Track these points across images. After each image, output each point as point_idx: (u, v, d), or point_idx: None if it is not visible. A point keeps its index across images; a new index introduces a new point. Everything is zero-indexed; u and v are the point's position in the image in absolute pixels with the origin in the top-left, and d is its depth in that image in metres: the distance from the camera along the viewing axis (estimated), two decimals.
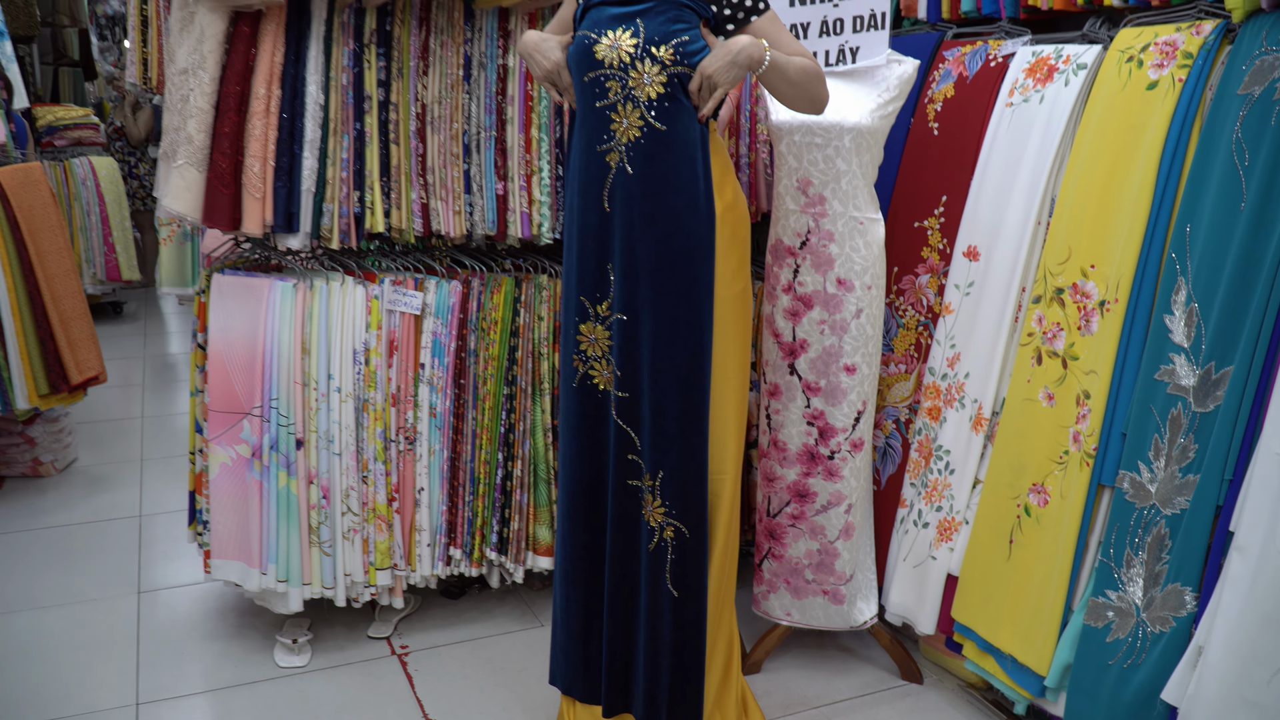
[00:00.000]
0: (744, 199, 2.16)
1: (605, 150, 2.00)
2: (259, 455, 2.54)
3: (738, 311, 2.13)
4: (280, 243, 2.53)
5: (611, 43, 1.95)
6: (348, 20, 2.46)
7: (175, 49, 2.41)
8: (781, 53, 1.97)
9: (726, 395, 2.13)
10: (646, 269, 2.01)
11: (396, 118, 2.55)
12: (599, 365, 2.12)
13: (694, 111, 1.97)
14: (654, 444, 2.06)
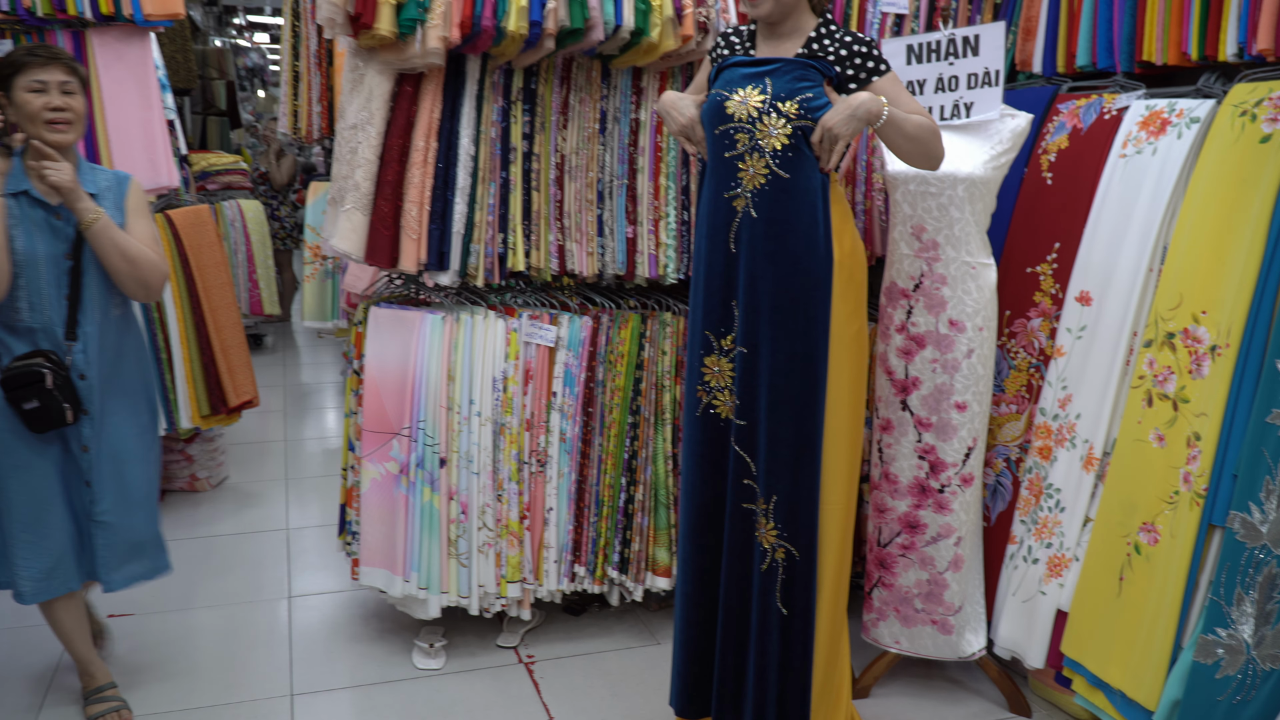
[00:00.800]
0: (862, 246, 2.31)
1: (732, 196, 2.19)
2: (406, 472, 2.78)
3: (853, 350, 2.27)
4: (431, 279, 2.78)
5: (741, 99, 2.14)
6: (497, 80, 2.71)
7: (345, 106, 2.70)
8: (900, 110, 2.12)
9: (839, 428, 2.27)
10: (767, 306, 2.18)
11: (538, 167, 2.79)
12: (722, 396, 2.29)
13: (816, 162, 2.13)
14: (768, 469, 2.21)
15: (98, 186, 2.40)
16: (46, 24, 3.54)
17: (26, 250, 2.29)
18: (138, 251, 2.34)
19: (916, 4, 3.00)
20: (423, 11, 2.46)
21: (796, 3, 2.18)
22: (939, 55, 2.61)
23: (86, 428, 2.41)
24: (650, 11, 2.58)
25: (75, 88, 2.33)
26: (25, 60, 2.28)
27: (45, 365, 2.28)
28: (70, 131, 2.32)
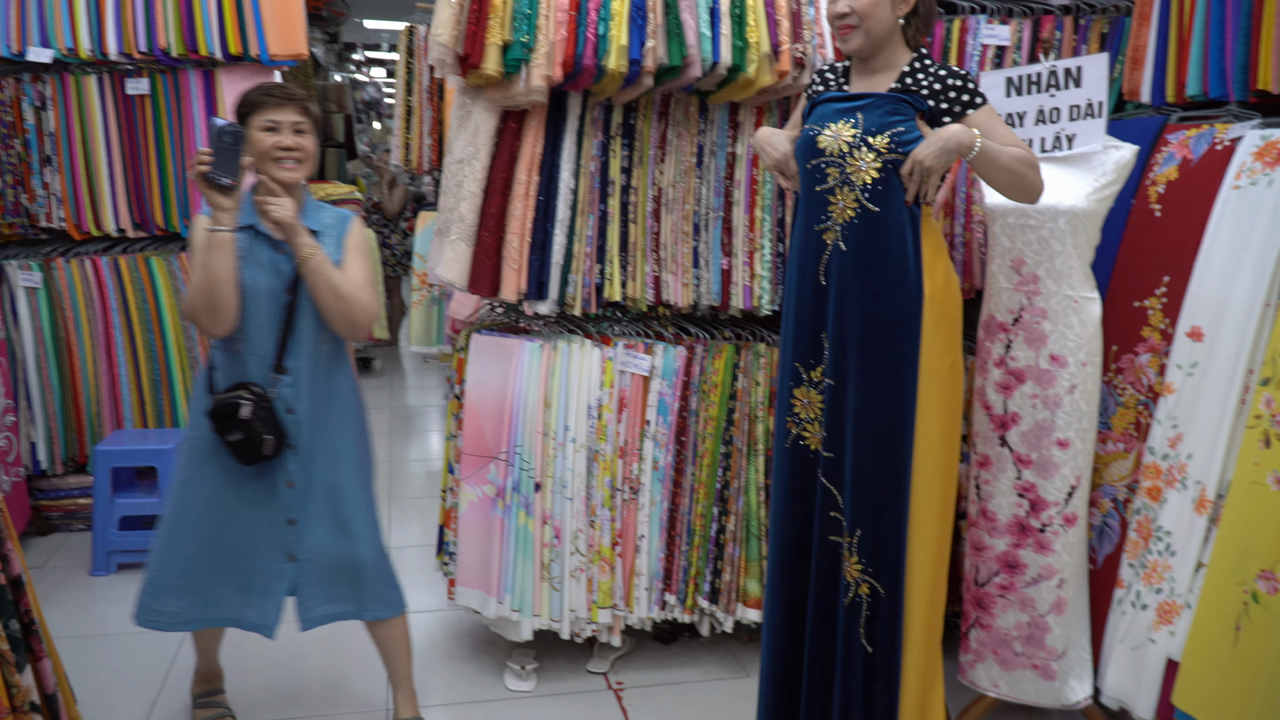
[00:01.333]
0: (956, 279, 2.29)
1: (823, 229, 2.20)
2: (502, 495, 2.85)
3: (945, 385, 2.24)
4: (530, 308, 2.86)
5: (833, 134, 2.15)
6: (597, 116, 2.79)
7: (453, 142, 2.81)
8: (994, 142, 2.10)
9: (930, 463, 2.24)
10: (855, 338, 2.18)
11: (635, 200, 2.85)
12: (811, 428, 2.29)
13: (905, 194, 2.13)
14: (854, 503, 2.20)
15: (320, 224, 2.43)
16: (180, 64, 3.78)
17: (249, 283, 2.33)
18: (349, 290, 2.32)
19: (1018, 35, 2.96)
20: (527, 51, 2.56)
21: (888, 37, 2.18)
22: (1039, 87, 2.57)
23: (293, 463, 2.40)
24: (747, 48, 2.62)
25: (307, 127, 2.36)
26: (261, 100, 2.32)
27: (245, 397, 2.30)
28: (299, 170, 2.35)
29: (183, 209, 3.88)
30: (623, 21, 2.55)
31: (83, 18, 3.65)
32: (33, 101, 3.80)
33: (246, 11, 3.71)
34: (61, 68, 3.78)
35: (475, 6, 2.56)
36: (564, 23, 2.55)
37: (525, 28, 2.56)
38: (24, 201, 3.86)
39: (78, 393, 3.98)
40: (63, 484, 4.06)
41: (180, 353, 3.96)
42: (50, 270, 3.87)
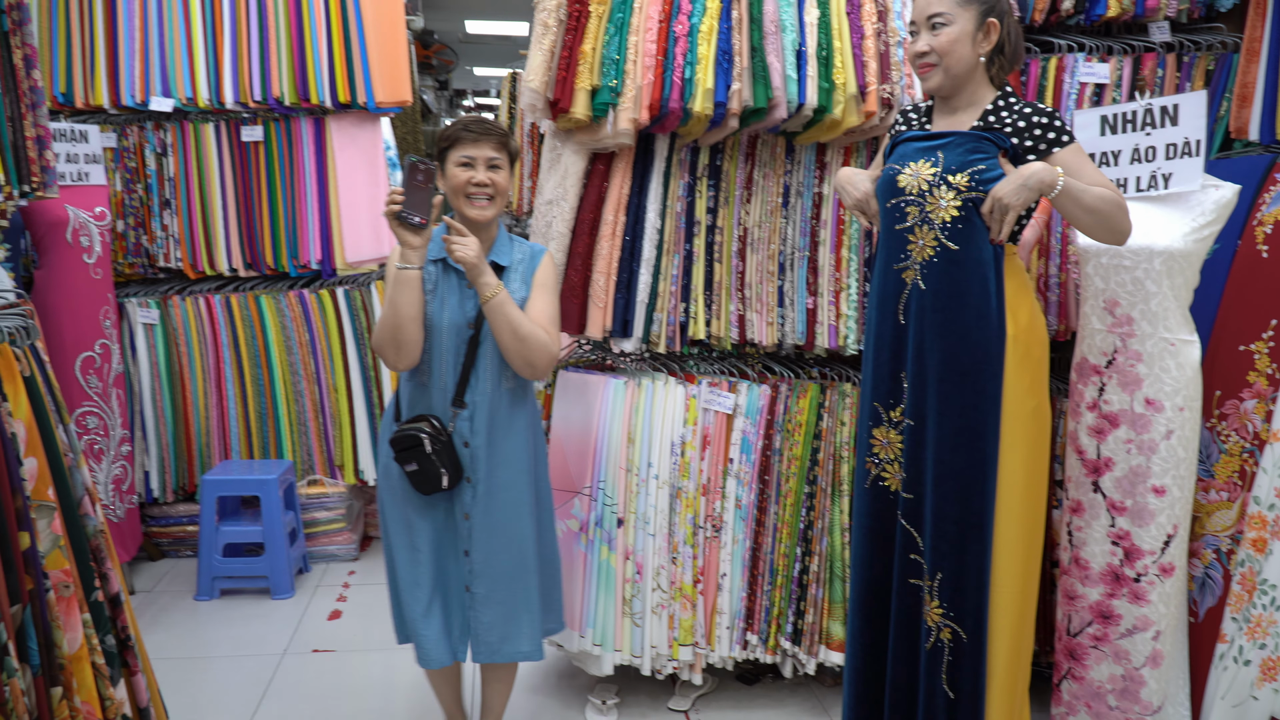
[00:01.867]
0: (1042, 320, 2.25)
1: (902, 268, 2.19)
2: (585, 530, 2.89)
3: (1030, 428, 2.20)
4: (615, 345, 2.91)
5: (912, 173, 2.15)
6: (684, 157, 2.84)
7: (543, 183, 2.89)
8: (1079, 182, 2.07)
9: (1013, 506, 2.19)
10: (934, 378, 2.15)
11: (721, 240, 2.88)
12: (890, 468, 2.26)
13: (987, 233, 2.11)
14: (934, 546, 2.16)
15: (511, 259, 2.44)
16: (292, 112, 3.98)
17: (435, 316, 2.37)
18: (529, 331, 2.30)
19: (1118, 73, 2.91)
20: (615, 95, 2.63)
21: (969, 75, 2.18)
22: (1135, 125, 2.52)
23: (468, 495, 2.41)
24: (834, 90, 2.64)
25: (502, 163, 2.35)
26: (459, 135, 2.33)
27: (425, 430, 2.32)
28: (489, 207, 2.35)
29: (291, 250, 4.06)
30: (709, 65, 2.60)
31: (202, 70, 3.88)
32: (154, 148, 4.04)
33: (355, 62, 3.89)
34: (181, 116, 4.02)
35: (565, 53, 2.64)
36: (651, 67, 2.61)
37: (613, 72, 2.63)
38: (144, 242, 4.10)
39: (189, 424, 4.17)
40: (172, 511, 4.26)
41: (285, 387, 4.13)
42: (167, 307, 4.09)
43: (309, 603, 3.81)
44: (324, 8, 3.86)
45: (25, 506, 1.58)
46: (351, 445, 4.19)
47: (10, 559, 1.51)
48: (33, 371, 1.70)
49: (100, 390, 3.70)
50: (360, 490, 4.44)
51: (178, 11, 3.88)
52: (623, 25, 2.64)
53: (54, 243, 3.57)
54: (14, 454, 1.59)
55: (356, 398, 4.15)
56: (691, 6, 2.64)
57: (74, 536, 1.73)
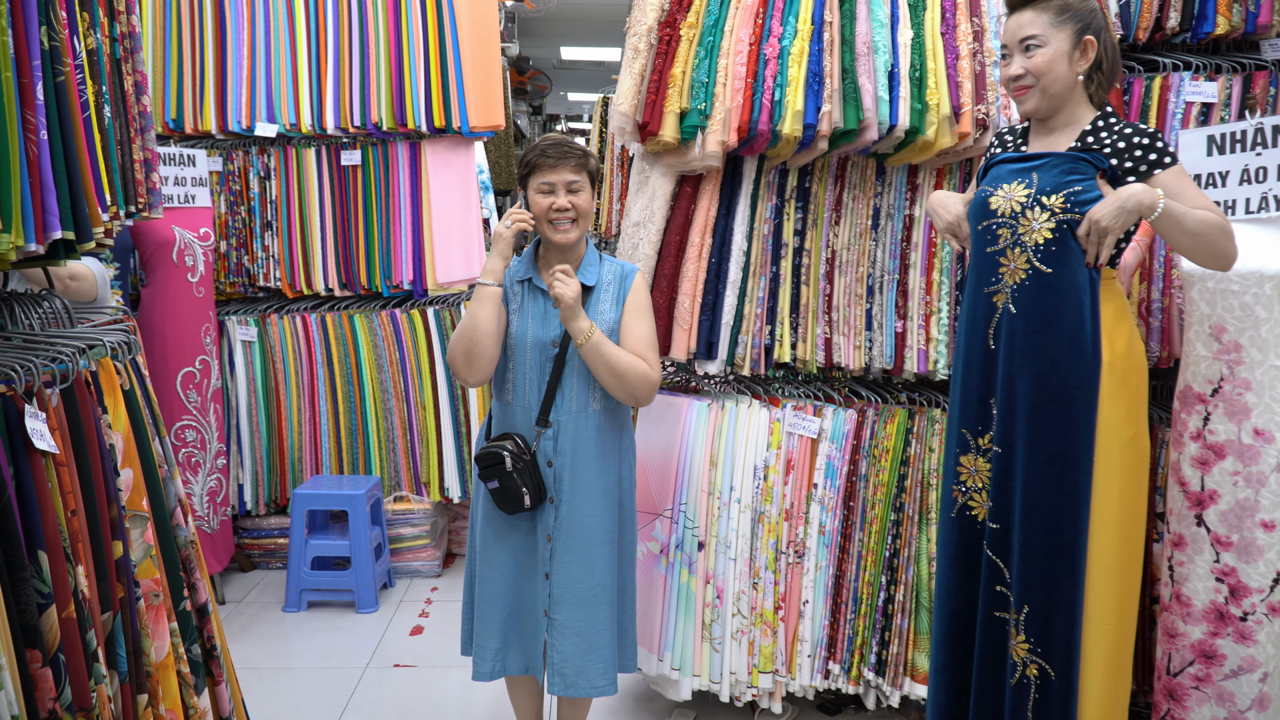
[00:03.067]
0: (1141, 346, 2.16)
1: (993, 291, 2.14)
2: (666, 552, 2.87)
3: (1127, 458, 2.11)
4: (699, 368, 2.90)
5: (1005, 194, 2.10)
6: (772, 179, 2.82)
7: (631, 206, 2.91)
8: (1181, 204, 1.99)
9: (1108, 539, 2.10)
10: (1024, 404, 2.08)
11: (808, 262, 2.85)
12: (978, 497, 2.20)
13: (1083, 256, 2.04)
14: (1022, 578, 2.08)
15: (600, 278, 2.42)
16: (389, 136, 4.10)
17: (519, 334, 2.38)
18: (625, 366, 2.30)
19: (1226, 92, 2.80)
20: (703, 118, 2.63)
21: (1067, 95, 2.12)
22: (1245, 145, 2.42)
23: (551, 516, 2.39)
24: (926, 111, 2.60)
25: (582, 185, 2.35)
26: (538, 162, 2.34)
27: (507, 449, 2.32)
28: (572, 230, 2.35)
29: (385, 270, 4.17)
30: (799, 87, 2.58)
31: (305, 96, 4.02)
32: (258, 172, 4.19)
33: (451, 88, 3.99)
34: (284, 141, 4.17)
35: (655, 76, 2.66)
36: (740, 90, 2.61)
37: (702, 95, 2.64)
38: (245, 262, 4.25)
39: (283, 439, 4.29)
40: (264, 524, 4.37)
41: (376, 404, 4.22)
42: (265, 325, 4.23)
43: (392, 617, 3.86)
44: (423, 35, 3.97)
45: (120, 516, 1.63)
46: (438, 463, 4.25)
47: (104, 567, 1.56)
48: (132, 385, 1.76)
49: (199, 405, 3.83)
50: (445, 507, 4.50)
51: (284, 41, 4.03)
52: (713, 48, 2.65)
53: (160, 262, 3.73)
54: (111, 465, 1.64)
55: (444, 416, 4.21)
56: (782, 29, 2.64)
57: (165, 547, 1.78)
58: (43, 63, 1.41)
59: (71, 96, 1.48)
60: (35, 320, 1.78)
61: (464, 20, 3.99)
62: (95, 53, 1.56)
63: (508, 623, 2.46)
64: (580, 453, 2.39)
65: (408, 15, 3.97)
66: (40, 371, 1.46)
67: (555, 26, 9.29)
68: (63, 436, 1.48)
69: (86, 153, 1.49)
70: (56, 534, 1.42)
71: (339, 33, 4.02)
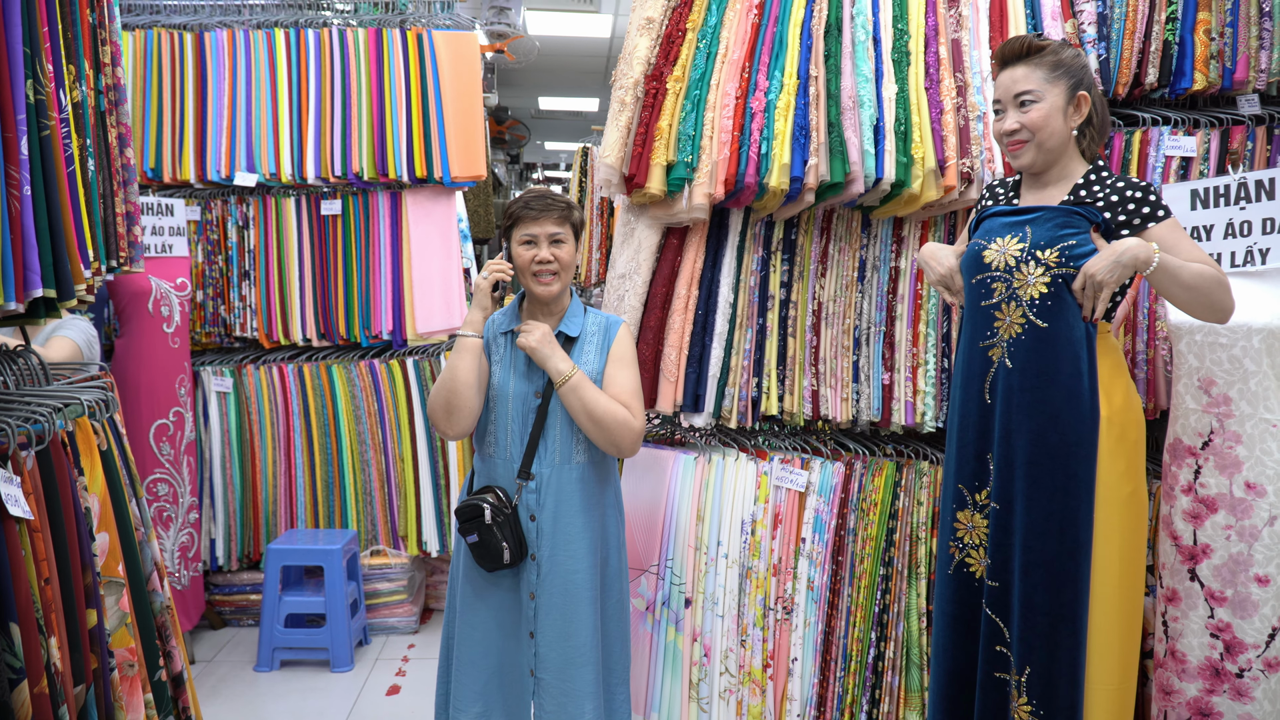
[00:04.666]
0: (1138, 401, 2.16)
1: (988, 346, 2.13)
2: (652, 609, 2.81)
3: (1126, 515, 2.09)
4: (686, 420, 2.86)
5: (999, 248, 2.10)
6: (759, 231, 2.82)
7: (616, 257, 2.89)
8: (1176, 258, 1.99)
9: (1109, 598, 2.07)
10: (1022, 460, 2.07)
11: (795, 314, 2.84)
12: (975, 554, 2.17)
13: (1079, 310, 2.04)
14: (1022, 638, 2.05)
15: (583, 329, 2.40)
16: (370, 186, 4.07)
17: (500, 385, 2.35)
18: (605, 412, 2.25)
19: (1205, 147, 2.84)
20: (690, 171, 2.63)
21: (1062, 150, 2.13)
22: (1228, 200, 2.45)
23: (533, 573, 2.32)
24: (912, 164, 2.61)
25: (565, 237, 2.33)
26: (521, 214, 2.33)
27: (487, 501, 2.26)
28: (555, 283, 2.32)
29: (364, 321, 4.12)
30: (785, 140, 2.59)
31: (286, 146, 4.00)
32: (236, 221, 4.15)
33: (433, 139, 3.98)
34: (264, 190, 4.14)
35: (642, 129, 2.66)
36: (727, 142, 2.62)
37: (689, 148, 2.64)
38: (222, 312, 4.19)
39: (257, 492, 4.20)
40: (236, 580, 4.26)
41: (353, 456, 4.15)
42: (241, 376, 4.16)
43: (368, 676, 3.76)
44: (405, 86, 3.97)
45: (95, 583, 1.56)
46: (416, 516, 4.17)
47: (77, 637, 1.49)
48: (110, 445, 1.70)
49: (172, 458, 3.75)
50: (422, 562, 4.41)
51: (265, 90, 4.02)
52: (699, 102, 2.66)
53: (135, 312, 3.66)
54: (87, 529, 1.57)
55: (422, 468, 4.15)
56: (768, 83, 2.65)
57: (140, 614, 1.71)
58: (28, 117, 1.37)
59: (56, 151, 1.44)
60: (10, 378, 1.72)
61: (446, 71, 4.00)
62: (81, 105, 1.53)
63: (489, 685, 2.37)
64: (563, 507, 2.33)
65: (390, 65, 3.97)
66: (15, 433, 1.40)
67: (533, 77, 9.37)
68: (38, 501, 1.42)
69: (70, 208, 1.45)
70: (29, 605, 1.35)
71: (321, 82, 4.01)
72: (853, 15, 2.69)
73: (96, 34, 1.61)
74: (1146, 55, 2.81)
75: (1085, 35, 2.79)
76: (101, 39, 1.64)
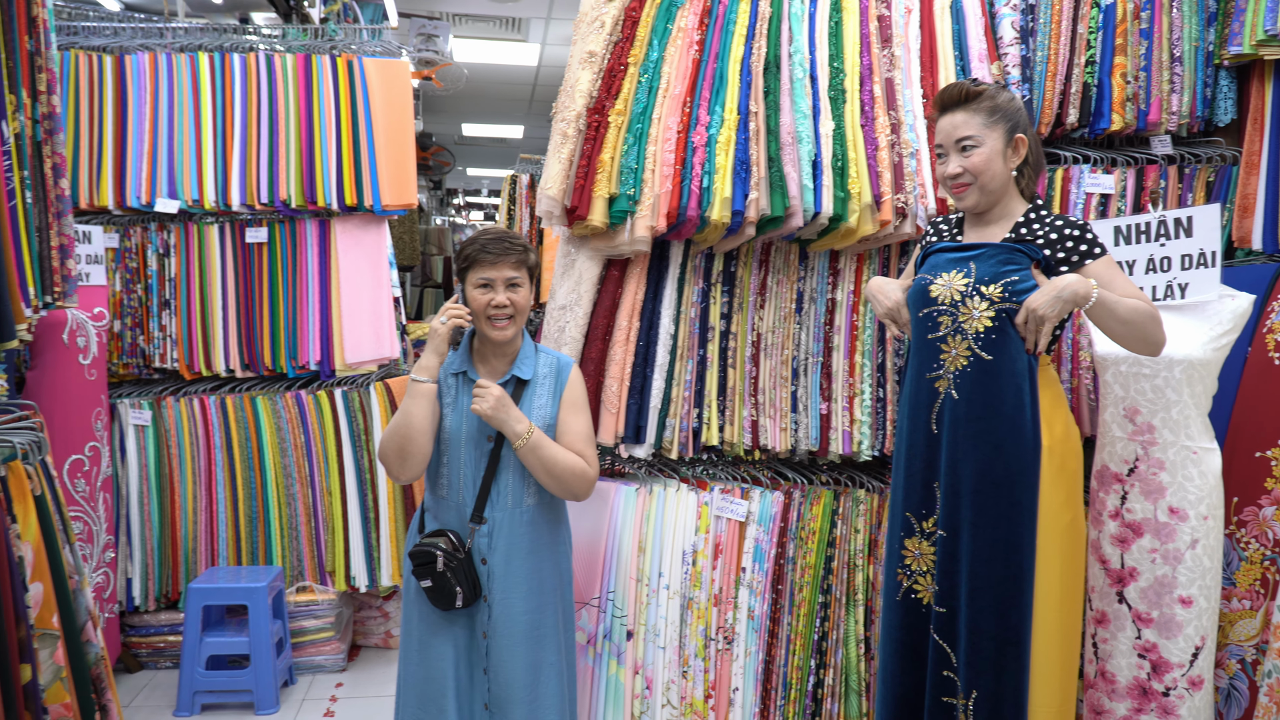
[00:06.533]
0: (1076, 431, 2.23)
1: (935, 377, 2.18)
2: (594, 643, 2.79)
3: (1066, 542, 2.16)
4: (626, 451, 2.86)
5: (945, 283, 2.16)
6: (699, 264, 2.85)
7: (556, 289, 2.88)
8: (1113, 293, 2.08)
9: (1050, 622, 2.13)
10: (969, 489, 2.12)
11: (734, 345, 2.87)
12: (923, 580, 2.21)
13: (1021, 344, 2.10)
14: (969, 663, 2.10)
15: (535, 371, 2.38)
16: (298, 214, 3.99)
17: (453, 428, 2.31)
18: (565, 468, 2.26)
19: (1122, 184, 2.97)
20: (632, 204, 2.64)
21: (1003, 191, 2.21)
22: (1149, 237, 2.56)
23: (485, 614, 2.32)
24: (849, 199, 2.67)
25: (522, 280, 2.30)
26: (478, 257, 2.28)
27: (440, 547, 2.24)
28: (510, 327, 2.30)
29: (290, 350, 4.02)
30: (727, 175, 2.63)
31: (210, 172, 3.90)
32: (157, 249, 4.02)
33: (364, 166, 3.92)
34: (186, 217, 4.02)
35: (584, 162, 2.67)
36: (669, 176, 2.64)
37: (631, 181, 2.65)
38: (141, 343, 4.05)
39: (176, 530, 4.05)
40: (154, 620, 4.09)
41: (278, 490, 4.04)
42: (160, 409, 4.02)
43: (294, 718, 3.64)
44: (335, 113, 3.90)
45: (29, 636, 1.49)
46: (344, 550, 4.07)
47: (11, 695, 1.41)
48: (43, 490, 1.63)
49: (87, 494, 3.60)
50: (350, 597, 4.30)
51: (189, 115, 3.91)
52: (641, 135, 2.68)
53: (49, 343, 3.51)
54: (20, 580, 1.50)
55: (351, 501, 4.05)
56: (709, 118, 2.68)
57: (76, 666, 1.63)
58: None
59: None
60: None
61: (378, 98, 3.95)
62: (20, 135, 1.47)
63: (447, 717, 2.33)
64: (515, 550, 2.33)
65: (320, 92, 3.91)
66: None
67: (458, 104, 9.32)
68: None
69: (11, 244, 1.39)
70: None
71: (247, 108, 3.92)
72: (790, 53, 2.75)
73: (34, 61, 1.55)
74: (1068, 96, 2.93)
75: (1010, 77, 2.90)
76: (38, 66, 1.59)
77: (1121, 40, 2.91)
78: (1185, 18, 2.93)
